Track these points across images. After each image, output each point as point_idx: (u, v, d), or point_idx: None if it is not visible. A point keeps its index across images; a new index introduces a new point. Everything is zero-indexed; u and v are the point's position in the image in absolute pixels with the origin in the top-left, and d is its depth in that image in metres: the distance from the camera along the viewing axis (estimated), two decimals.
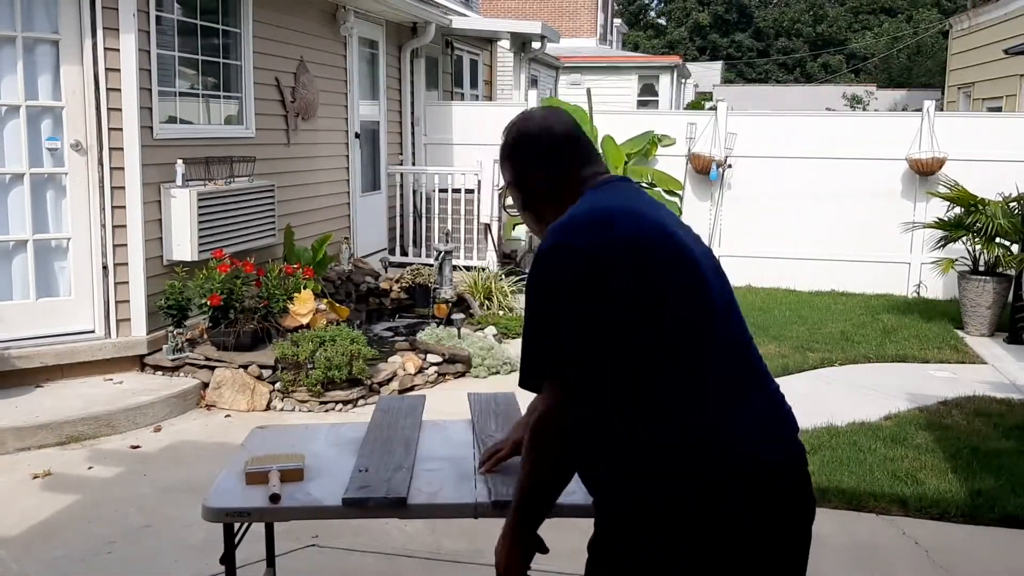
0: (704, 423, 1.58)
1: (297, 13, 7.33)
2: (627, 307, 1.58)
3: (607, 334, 1.58)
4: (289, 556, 3.37)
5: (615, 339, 1.58)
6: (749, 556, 1.59)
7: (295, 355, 5.29)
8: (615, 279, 1.58)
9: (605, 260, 1.59)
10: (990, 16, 14.66)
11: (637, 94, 20.74)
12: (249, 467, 2.30)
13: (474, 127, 9.96)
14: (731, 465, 1.57)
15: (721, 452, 1.57)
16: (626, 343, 1.58)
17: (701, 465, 1.56)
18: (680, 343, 1.59)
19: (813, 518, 1.70)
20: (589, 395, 1.61)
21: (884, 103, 27.71)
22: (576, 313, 1.59)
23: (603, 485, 1.66)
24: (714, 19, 45.11)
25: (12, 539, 3.60)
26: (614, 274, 1.58)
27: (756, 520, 1.58)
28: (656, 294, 1.59)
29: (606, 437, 1.62)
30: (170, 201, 5.62)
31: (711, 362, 1.62)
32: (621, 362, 1.59)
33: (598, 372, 1.59)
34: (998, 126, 8.85)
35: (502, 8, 22.98)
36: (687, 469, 1.56)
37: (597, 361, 1.59)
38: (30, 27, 5.18)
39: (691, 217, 9.35)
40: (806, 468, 1.69)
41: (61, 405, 4.89)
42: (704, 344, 1.62)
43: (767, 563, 1.61)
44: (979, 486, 4.10)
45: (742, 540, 1.58)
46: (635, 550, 1.60)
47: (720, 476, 1.56)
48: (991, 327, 7.34)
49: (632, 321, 1.58)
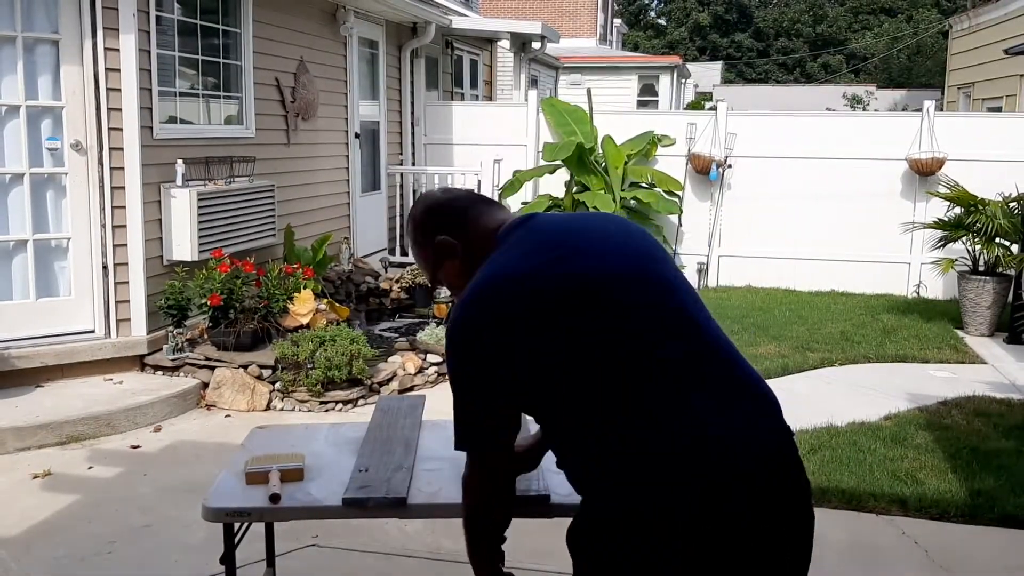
0: (694, 429, 1.57)
1: (297, 13, 7.33)
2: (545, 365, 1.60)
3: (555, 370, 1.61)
4: (289, 556, 3.37)
5: (573, 366, 1.61)
6: (746, 556, 1.58)
7: (295, 355, 5.30)
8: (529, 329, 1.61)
9: (513, 317, 1.62)
10: (990, 16, 14.66)
11: (637, 94, 20.74)
12: (249, 467, 2.30)
13: (474, 127, 9.97)
14: (730, 465, 1.56)
15: (720, 453, 1.57)
16: (579, 376, 1.60)
17: (697, 468, 1.56)
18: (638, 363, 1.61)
19: (811, 511, 1.67)
20: (575, 407, 1.63)
21: (884, 103, 27.71)
22: (487, 383, 1.65)
23: (594, 493, 1.66)
24: (714, 19, 45.11)
25: (12, 539, 3.60)
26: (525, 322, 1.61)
27: (755, 518, 1.57)
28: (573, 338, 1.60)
29: (595, 446, 1.62)
30: (170, 201, 5.62)
31: (693, 370, 1.62)
32: (609, 373, 1.60)
33: (584, 384, 1.61)
34: (998, 126, 8.85)
35: (502, 8, 22.99)
36: (679, 476, 1.56)
37: (573, 379, 1.61)
38: (30, 27, 5.18)
39: (691, 217, 9.38)
40: (797, 453, 1.68)
41: (61, 405, 4.89)
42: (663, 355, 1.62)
43: (763, 563, 1.61)
44: (979, 486, 4.10)
45: (740, 539, 1.57)
46: (628, 553, 1.60)
47: (720, 477, 1.56)
48: (991, 327, 7.34)
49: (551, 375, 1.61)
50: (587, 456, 1.64)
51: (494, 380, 1.64)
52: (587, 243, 1.70)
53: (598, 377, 1.60)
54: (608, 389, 1.59)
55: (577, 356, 1.59)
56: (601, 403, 1.60)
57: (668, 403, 1.58)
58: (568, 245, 1.69)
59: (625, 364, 1.59)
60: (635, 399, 1.59)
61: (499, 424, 1.70)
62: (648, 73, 21.31)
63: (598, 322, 1.60)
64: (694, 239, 9.40)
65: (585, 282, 1.62)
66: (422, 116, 10.03)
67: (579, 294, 1.61)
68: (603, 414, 1.60)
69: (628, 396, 1.59)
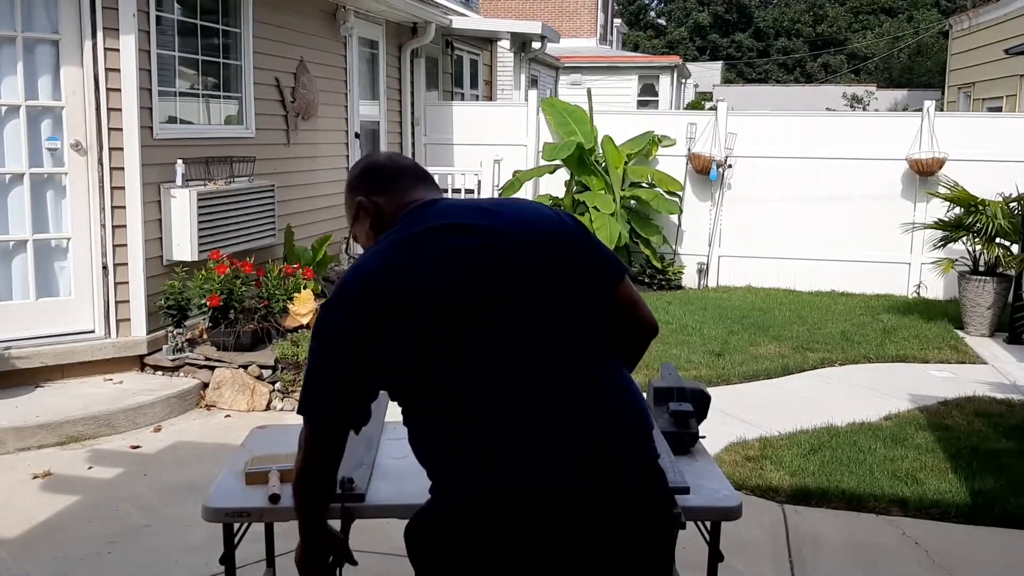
0: (498, 452, 1.62)
1: (297, 13, 7.33)
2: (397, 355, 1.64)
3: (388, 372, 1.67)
4: (289, 556, 3.36)
5: (401, 379, 1.68)
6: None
7: (295, 355, 5.30)
8: (388, 324, 1.63)
9: (377, 307, 1.64)
10: (990, 16, 14.66)
11: (637, 94, 20.73)
12: (249, 467, 2.30)
13: (474, 127, 9.97)
14: (517, 493, 1.60)
15: (510, 479, 1.60)
16: (418, 381, 1.67)
17: (489, 489, 1.61)
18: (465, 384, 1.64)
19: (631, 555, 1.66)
20: (413, 404, 1.71)
21: (884, 103, 27.72)
22: (340, 363, 1.68)
23: (432, 488, 1.74)
24: (714, 19, 45.11)
25: (12, 539, 3.60)
26: (388, 319, 1.63)
27: (553, 538, 1.60)
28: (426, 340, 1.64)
29: (425, 447, 1.73)
30: (170, 201, 5.62)
31: (509, 395, 1.64)
32: (445, 378, 1.65)
33: (421, 384, 1.67)
34: (998, 126, 8.85)
35: (502, 8, 22.98)
36: (477, 493, 1.62)
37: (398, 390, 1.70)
38: (30, 27, 5.17)
39: (691, 217, 9.38)
40: (624, 501, 1.65)
41: (61, 405, 4.89)
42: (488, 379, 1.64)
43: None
44: (979, 486, 4.10)
45: (542, 558, 1.60)
46: (437, 545, 1.71)
47: (501, 499, 1.60)
48: (991, 327, 7.34)
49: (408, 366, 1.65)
50: (421, 454, 1.74)
51: (346, 357, 1.67)
52: (467, 239, 1.68)
53: (433, 380, 1.65)
54: (442, 393, 1.65)
55: (418, 359, 1.64)
56: (435, 406, 1.67)
57: (494, 417, 1.63)
58: (441, 243, 1.68)
59: (460, 374, 1.63)
60: (469, 407, 1.64)
61: (343, 399, 1.71)
62: (648, 73, 21.30)
63: (441, 330, 1.63)
64: (694, 239, 9.40)
65: (433, 292, 1.63)
66: (422, 116, 10.03)
67: (427, 303, 1.63)
68: (437, 416, 1.67)
69: (462, 403, 1.63)
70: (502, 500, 1.60)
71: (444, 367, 1.64)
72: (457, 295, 1.64)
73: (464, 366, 1.63)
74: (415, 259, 1.67)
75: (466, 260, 1.66)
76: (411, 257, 1.67)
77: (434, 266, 1.66)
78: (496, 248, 1.68)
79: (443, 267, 1.65)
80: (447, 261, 1.66)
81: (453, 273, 1.65)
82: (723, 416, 4.99)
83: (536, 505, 1.60)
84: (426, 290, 1.63)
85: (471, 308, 1.63)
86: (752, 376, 6.04)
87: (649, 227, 9.19)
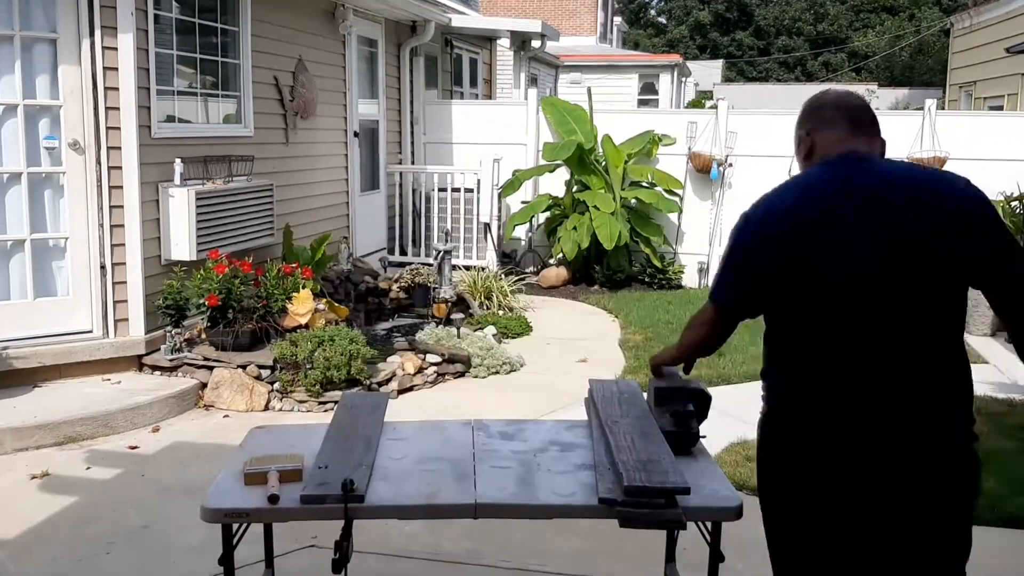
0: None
1: (296, 12, 7.31)
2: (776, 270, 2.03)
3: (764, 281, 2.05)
4: (288, 556, 3.36)
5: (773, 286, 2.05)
6: (885, 464, 2.04)
7: (294, 355, 5.28)
8: (768, 249, 2.05)
9: (764, 233, 2.08)
10: (992, 15, 14.65)
11: (637, 93, 20.71)
12: (248, 467, 2.29)
13: (474, 126, 9.96)
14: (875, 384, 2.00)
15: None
16: (784, 291, 2.02)
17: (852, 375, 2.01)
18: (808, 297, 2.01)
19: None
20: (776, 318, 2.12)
21: (886, 102, 27.68)
22: (742, 265, 2.12)
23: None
24: (715, 17, 45.09)
25: (10, 540, 3.59)
26: (768, 247, 2.05)
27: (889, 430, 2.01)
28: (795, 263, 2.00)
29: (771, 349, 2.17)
30: (168, 200, 5.60)
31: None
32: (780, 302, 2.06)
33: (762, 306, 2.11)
34: (999, 125, 8.84)
35: (502, 6, 22.97)
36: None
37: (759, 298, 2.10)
38: (28, 26, 5.16)
39: (692, 216, 9.36)
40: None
41: (59, 405, 4.88)
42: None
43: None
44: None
45: (883, 444, 2.02)
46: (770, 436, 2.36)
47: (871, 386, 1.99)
48: (992, 327, 7.32)
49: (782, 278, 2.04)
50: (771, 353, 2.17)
51: (749, 264, 2.10)
52: (860, 204, 1.97)
53: (798, 307, 2.01)
54: (803, 318, 2.01)
55: (793, 283, 1.99)
56: (795, 324, 2.03)
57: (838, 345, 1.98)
58: (846, 204, 1.98)
59: (790, 300, 2.02)
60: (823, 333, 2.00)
61: (738, 295, 2.15)
62: (648, 72, 21.28)
63: (824, 274, 1.95)
64: (695, 238, 9.39)
65: (822, 246, 1.96)
66: (421, 115, 10.02)
67: (818, 247, 1.96)
68: (792, 331, 2.06)
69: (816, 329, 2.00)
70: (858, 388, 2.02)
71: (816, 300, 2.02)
72: (847, 254, 1.97)
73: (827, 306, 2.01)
74: (824, 210, 2.00)
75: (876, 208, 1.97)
76: (823, 207, 2.01)
77: (842, 221, 1.97)
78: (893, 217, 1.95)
79: (848, 223, 1.97)
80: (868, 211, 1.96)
81: (854, 226, 1.97)
82: (723, 416, 4.95)
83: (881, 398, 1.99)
84: (823, 243, 1.99)
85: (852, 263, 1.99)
86: (752, 376, 6.01)
87: (649, 226, 9.17)
